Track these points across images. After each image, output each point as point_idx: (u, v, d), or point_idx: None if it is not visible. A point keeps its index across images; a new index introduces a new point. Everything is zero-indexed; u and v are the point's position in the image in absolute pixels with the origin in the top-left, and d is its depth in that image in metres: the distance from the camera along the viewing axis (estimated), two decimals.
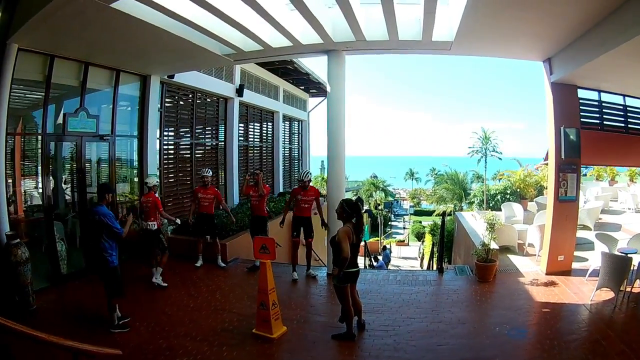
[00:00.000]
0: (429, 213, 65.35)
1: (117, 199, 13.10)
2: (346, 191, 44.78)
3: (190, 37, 10.54)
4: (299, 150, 29.55)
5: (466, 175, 52.59)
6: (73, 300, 9.68)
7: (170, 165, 15.96)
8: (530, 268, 12.11)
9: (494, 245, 11.34)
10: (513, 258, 13.18)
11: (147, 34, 9.88)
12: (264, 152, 23.82)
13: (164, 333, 8.18)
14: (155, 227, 10.99)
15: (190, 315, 9.12)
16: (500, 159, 51.42)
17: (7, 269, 8.87)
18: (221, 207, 12.98)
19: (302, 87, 28.22)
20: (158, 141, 14.80)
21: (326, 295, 10.37)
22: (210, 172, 12.65)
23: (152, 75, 13.94)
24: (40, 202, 10.87)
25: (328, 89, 12.08)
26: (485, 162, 51.32)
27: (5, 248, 8.96)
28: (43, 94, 10.65)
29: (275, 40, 11.49)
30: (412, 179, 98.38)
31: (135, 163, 14.16)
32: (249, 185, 12.47)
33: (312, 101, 29.95)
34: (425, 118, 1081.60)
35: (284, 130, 26.37)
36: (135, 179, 14.25)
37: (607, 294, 9.54)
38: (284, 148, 26.34)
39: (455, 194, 46.70)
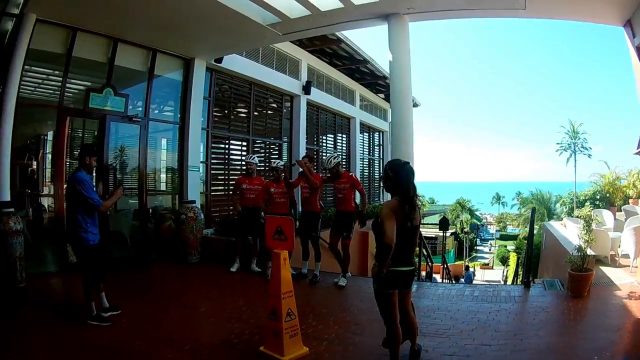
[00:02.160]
0: (514, 237, 62.17)
1: (147, 188, 11.52)
2: (433, 213, 42.84)
3: (230, 5, 8.95)
4: (380, 165, 25.75)
5: (550, 195, 49.56)
6: (71, 286, 8.33)
7: (220, 160, 14.12)
8: (623, 280, 9.48)
9: (590, 252, 8.69)
10: (605, 270, 10.41)
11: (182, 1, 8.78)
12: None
13: (148, 334, 6.43)
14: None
15: (195, 320, 7.29)
16: (589, 156, 48.31)
17: None
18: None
19: (382, 96, 24.96)
20: (206, 132, 13.08)
21: None
22: (256, 159, 10.43)
23: (197, 58, 12.27)
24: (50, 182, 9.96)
25: (390, 57, 9.87)
26: (575, 160, 48.24)
27: None
28: (63, 67, 9.64)
29: (324, 1, 9.39)
30: (499, 204, 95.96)
31: (175, 151, 12.40)
32: (299, 176, 9.94)
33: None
34: (510, 142, 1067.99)
35: (362, 140, 23.60)
36: (171, 168, 12.62)
37: None
38: (362, 159, 23.46)
39: (539, 214, 43.69)
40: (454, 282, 25.91)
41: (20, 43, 8.55)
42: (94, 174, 9.95)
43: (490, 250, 69.07)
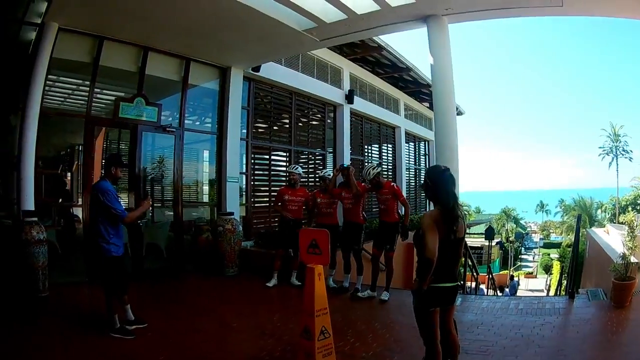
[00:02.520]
0: (557, 245, 61.84)
1: (183, 199, 11.16)
2: (479, 223, 42.19)
3: (263, 10, 8.61)
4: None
5: (592, 202, 48.79)
6: (96, 297, 7.55)
7: (261, 171, 13.65)
8: None
9: (633, 259, 8.26)
10: None
11: (210, 7, 8.45)
12: (384, 171, 19.79)
13: (172, 349, 6.05)
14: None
15: (225, 335, 6.80)
16: (630, 159, 47.34)
17: (17, 248, 7.67)
18: (304, 214, 10.01)
19: (427, 105, 24.08)
20: (245, 143, 12.67)
21: None
22: (300, 170, 10.00)
23: (233, 67, 11.87)
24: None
25: (431, 60, 9.41)
26: (617, 164, 47.13)
27: (19, 225, 7.79)
28: (90, 76, 9.41)
29: (360, 4, 8.96)
30: (543, 212, 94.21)
31: (213, 162, 12.08)
32: (340, 186, 9.52)
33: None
34: (553, 149, 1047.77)
35: (408, 150, 22.78)
36: (209, 180, 12.40)
37: None
38: (408, 169, 22.72)
39: (583, 222, 42.91)
40: (498, 292, 25.39)
41: (42, 52, 8.39)
42: (127, 185, 9.96)
43: (534, 258, 68.06)
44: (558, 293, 23.48)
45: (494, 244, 45.17)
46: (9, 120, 9.23)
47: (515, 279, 36.28)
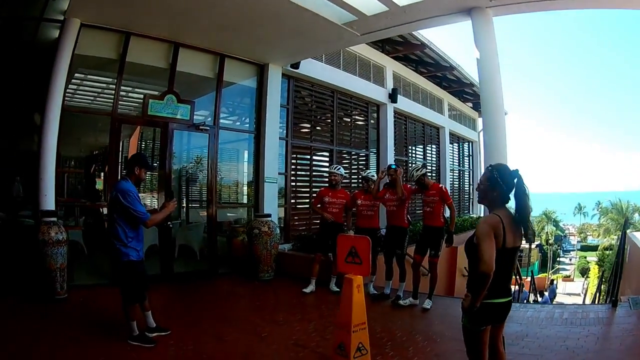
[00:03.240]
0: (594, 248, 61.25)
1: (217, 200, 10.61)
2: None
3: (301, 3, 8.05)
4: (470, 176, 24.24)
5: (628, 204, 48.43)
6: (118, 301, 6.89)
7: (302, 172, 13.09)
8: None
9: None
10: None
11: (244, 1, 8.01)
12: (428, 172, 18.78)
13: None
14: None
15: (253, 346, 6.10)
16: None
17: (34, 248, 7.45)
18: (344, 217, 9.36)
19: (470, 105, 23.66)
20: (285, 142, 12.18)
21: None
22: (342, 171, 9.34)
23: (271, 64, 11.32)
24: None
25: (477, 55, 8.76)
26: None
27: (36, 225, 7.60)
28: (116, 73, 9.00)
29: None
30: (580, 214, 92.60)
31: (250, 162, 11.62)
32: (385, 188, 8.85)
33: (481, 122, 24.47)
34: (592, 150, 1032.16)
35: (452, 151, 22.07)
36: (246, 180, 11.89)
37: None
38: (452, 171, 21.88)
39: (619, 224, 42.45)
40: (539, 296, 25.04)
41: (63, 49, 8.05)
42: (157, 185, 9.77)
43: (571, 261, 67.54)
44: (597, 299, 22.85)
45: (533, 246, 45.02)
46: (33, 119, 8.90)
47: (555, 281, 36.33)
